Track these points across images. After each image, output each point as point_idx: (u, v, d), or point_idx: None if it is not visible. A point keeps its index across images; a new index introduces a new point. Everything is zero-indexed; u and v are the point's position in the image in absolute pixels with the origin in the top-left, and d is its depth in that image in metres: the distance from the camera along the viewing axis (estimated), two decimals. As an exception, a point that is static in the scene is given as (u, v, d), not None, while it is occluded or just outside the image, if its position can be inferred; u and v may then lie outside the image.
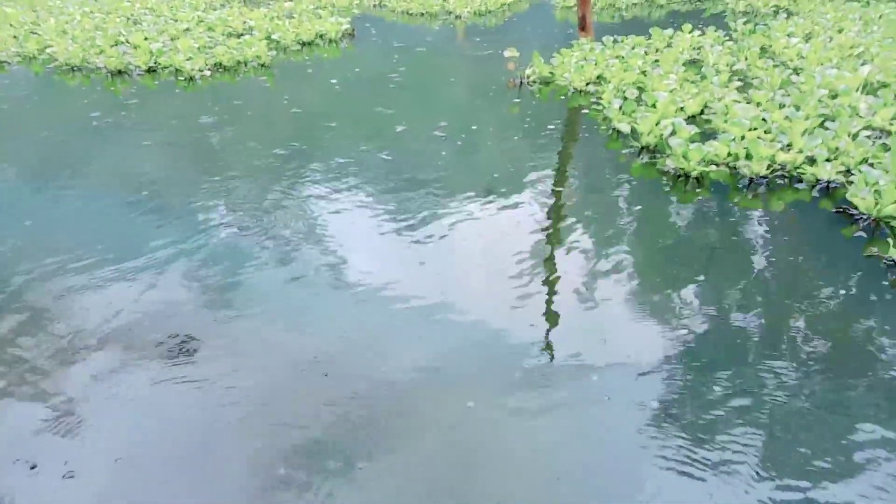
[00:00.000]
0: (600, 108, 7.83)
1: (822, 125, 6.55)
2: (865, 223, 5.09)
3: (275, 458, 3.14)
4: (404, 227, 5.34)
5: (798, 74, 8.48)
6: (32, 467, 3.13)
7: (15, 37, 12.40)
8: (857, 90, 7.69)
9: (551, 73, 9.13)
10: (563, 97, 8.55)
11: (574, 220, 5.43)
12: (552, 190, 5.98)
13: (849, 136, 6.23)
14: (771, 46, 10.23)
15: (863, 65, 8.33)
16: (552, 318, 4.14)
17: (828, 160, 5.89)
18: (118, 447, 3.23)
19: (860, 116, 6.80)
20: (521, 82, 9.07)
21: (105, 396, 3.58)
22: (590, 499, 2.89)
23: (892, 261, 4.55)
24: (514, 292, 4.39)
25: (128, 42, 11.52)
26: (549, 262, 4.79)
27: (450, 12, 14.57)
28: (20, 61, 11.42)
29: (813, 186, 5.81)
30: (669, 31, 10.51)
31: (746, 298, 4.27)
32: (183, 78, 9.89)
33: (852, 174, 5.63)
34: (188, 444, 3.25)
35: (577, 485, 2.97)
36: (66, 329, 4.14)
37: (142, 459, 3.16)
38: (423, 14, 14.62)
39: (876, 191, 5.14)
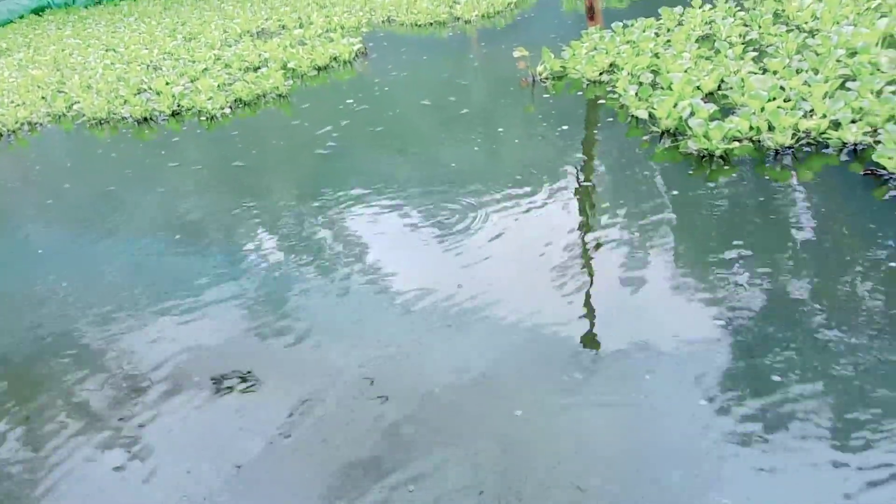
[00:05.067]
0: (616, 96, 7.82)
1: (843, 86, 6.44)
2: (896, 182, 5.01)
3: (334, 485, 3.23)
4: (440, 233, 5.52)
5: (814, 37, 8.34)
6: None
7: (43, 98, 12.82)
8: (876, 45, 7.54)
9: (563, 67, 9.13)
10: (577, 90, 8.55)
11: (604, 212, 5.45)
12: (579, 185, 6.01)
13: (872, 93, 6.12)
14: (784, 11, 10.07)
15: (880, 18, 8.16)
16: (598, 312, 4.20)
17: (853, 122, 5.80)
18: (179, 486, 3.36)
19: (882, 72, 6.68)
20: (534, 80, 9.08)
21: (163, 437, 3.73)
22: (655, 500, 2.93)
23: (929, 217, 4.49)
24: (557, 289, 4.48)
25: (150, 89, 11.83)
26: (587, 255, 4.85)
27: (458, 18, 14.63)
28: (51, 120, 11.81)
29: (840, 150, 5.73)
30: (679, 9, 10.42)
31: (788, 272, 4.27)
32: (205, 118, 10.12)
33: (879, 133, 5.54)
34: (248, 478, 3.36)
35: (636, 493, 3.00)
36: (120, 372, 4.31)
37: (204, 493, 3.28)
38: (431, 24, 14.70)
39: (904, 148, 5.06)
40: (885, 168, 5.12)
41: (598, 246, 4.96)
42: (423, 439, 3.40)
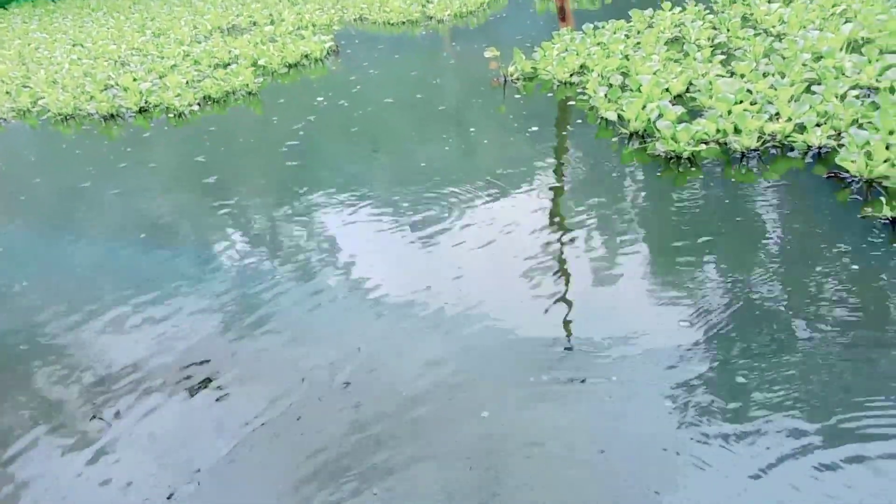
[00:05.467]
0: (586, 98, 7.85)
1: (808, 90, 6.54)
2: (858, 185, 5.09)
3: (302, 481, 3.20)
4: (407, 233, 5.49)
5: (781, 40, 8.46)
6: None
7: (8, 93, 12.57)
8: (840, 50, 7.66)
9: (534, 67, 9.15)
10: (548, 91, 8.57)
11: (573, 213, 5.46)
12: (548, 185, 6.02)
13: (836, 97, 6.22)
14: (752, 15, 10.19)
15: (845, 23, 8.29)
16: (565, 311, 4.21)
17: (817, 125, 5.88)
18: (140, 488, 3.30)
19: (846, 76, 6.79)
20: (506, 80, 9.09)
21: (130, 433, 3.68)
22: (622, 495, 2.94)
23: (888, 218, 4.56)
24: (525, 289, 4.51)
25: (117, 85, 11.64)
26: (555, 255, 4.87)
27: (430, 17, 14.61)
28: (15, 116, 11.57)
29: (805, 153, 5.81)
30: (649, 12, 10.50)
31: (752, 272, 4.33)
32: (173, 115, 9.99)
33: (843, 137, 5.62)
34: (216, 474, 3.31)
35: (605, 489, 3.01)
36: (88, 370, 4.23)
37: (173, 493, 3.23)
38: (403, 22, 14.66)
39: (866, 152, 5.13)
40: (847, 171, 5.20)
41: (566, 246, 4.97)
42: (389, 440, 3.38)
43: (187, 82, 11.12)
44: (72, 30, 19.24)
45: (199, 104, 10.27)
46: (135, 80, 11.49)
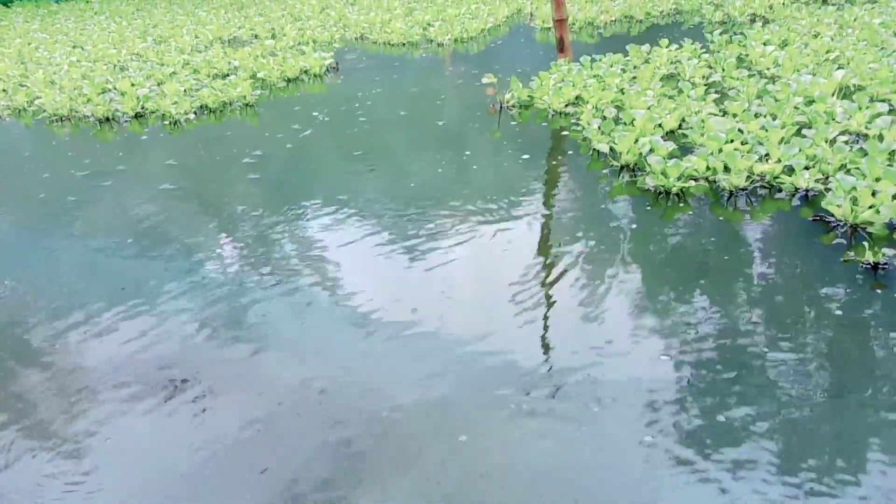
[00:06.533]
0: (580, 129, 7.92)
1: (798, 133, 6.63)
2: (843, 230, 5.14)
3: (271, 494, 3.18)
4: (396, 255, 5.49)
5: (774, 83, 8.58)
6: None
7: (4, 90, 12.57)
8: (832, 95, 7.78)
9: (530, 96, 9.23)
10: (543, 120, 8.65)
11: (561, 242, 5.49)
12: (537, 214, 6.05)
13: (826, 142, 6.30)
14: (747, 56, 10.35)
15: (838, 69, 8.43)
16: (548, 341, 4.22)
17: (806, 168, 5.95)
18: (123, 490, 3.27)
19: (836, 122, 6.89)
20: (502, 107, 9.17)
21: (107, 439, 3.65)
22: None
23: (871, 263, 4.61)
24: (510, 316, 4.51)
25: (115, 89, 11.66)
26: (541, 284, 4.87)
27: (431, 40, 14.74)
28: (10, 114, 11.56)
29: (793, 195, 5.87)
30: (647, 47, 10.64)
31: (736, 310, 4.35)
32: (168, 122, 10.00)
33: (830, 181, 5.69)
34: (191, 484, 3.29)
35: (563, 512, 3.00)
36: (67, 374, 4.20)
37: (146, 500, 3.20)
38: (404, 44, 14.78)
39: (852, 198, 5.20)
40: (833, 215, 5.26)
41: (552, 276, 4.99)
42: (366, 460, 3.36)
43: (185, 91, 11.15)
44: (73, 32, 19.30)
45: (195, 113, 10.30)
46: (133, 85, 11.52)
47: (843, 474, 3.05)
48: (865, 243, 4.77)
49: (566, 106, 8.75)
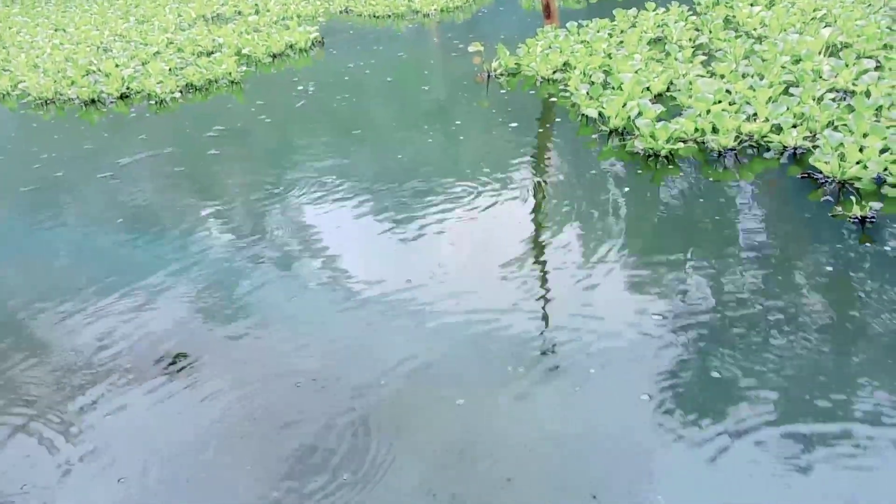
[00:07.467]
0: (568, 95, 7.90)
1: (786, 92, 6.63)
2: (831, 186, 5.17)
3: (274, 472, 3.22)
4: (391, 231, 5.48)
5: (761, 43, 8.56)
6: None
7: (-14, 75, 12.42)
8: (819, 53, 7.78)
9: (517, 64, 9.19)
10: (531, 87, 8.62)
11: (552, 208, 5.51)
12: (527, 181, 6.06)
13: (813, 100, 6.31)
14: (735, 17, 10.31)
15: (825, 27, 8.41)
16: (543, 306, 4.25)
17: (793, 126, 5.96)
18: (120, 468, 3.31)
19: (823, 79, 6.90)
20: (489, 75, 9.13)
21: (104, 418, 3.67)
22: (591, 486, 2.98)
23: (858, 218, 4.65)
24: (503, 282, 4.54)
25: (99, 70, 11.53)
26: (533, 250, 4.90)
27: (416, 11, 14.62)
28: (-7, 99, 11.45)
29: (781, 154, 5.89)
30: (633, 11, 10.58)
31: (726, 268, 4.40)
32: (154, 102, 9.93)
33: (818, 138, 5.71)
34: (189, 462, 3.33)
35: (575, 474, 3.05)
36: (62, 354, 4.22)
37: (144, 479, 3.24)
38: (389, 16, 14.66)
39: (840, 154, 5.22)
40: (821, 171, 5.29)
41: (544, 240, 5.02)
42: (363, 430, 3.40)
43: (170, 70, 11.04)
44: (54, 14, 19.03)
45: (181, 91, 10.21)
46: (117, 66, 11.40)
47: (836, 423, 3.11)
48: (853, 198, 4.81)
49: (554, 72, 8.72)
